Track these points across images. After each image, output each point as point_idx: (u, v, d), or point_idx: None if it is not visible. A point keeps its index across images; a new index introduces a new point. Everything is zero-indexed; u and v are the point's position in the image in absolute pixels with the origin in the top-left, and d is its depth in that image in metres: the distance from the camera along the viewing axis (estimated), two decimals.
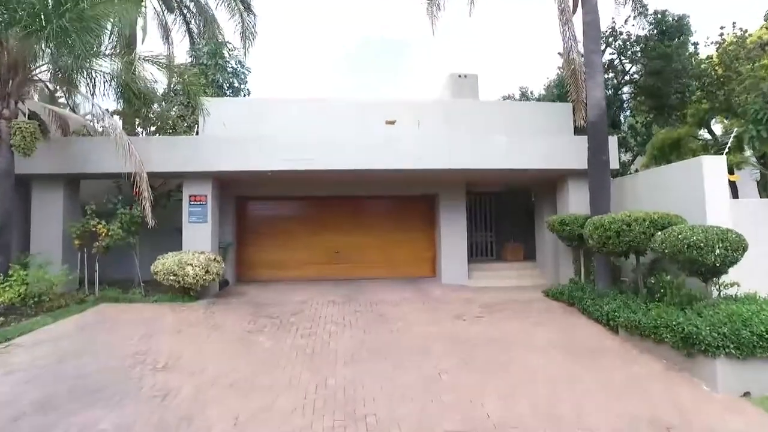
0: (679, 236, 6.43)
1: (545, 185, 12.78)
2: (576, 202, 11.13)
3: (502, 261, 14.22)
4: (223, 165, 10.39)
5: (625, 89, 13.98)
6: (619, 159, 12.53)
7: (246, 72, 15.99)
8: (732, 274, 6.65)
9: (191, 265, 9.74)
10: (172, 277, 9.66)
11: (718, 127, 18.48)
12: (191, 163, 10.40)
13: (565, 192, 11.41)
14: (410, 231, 13.11)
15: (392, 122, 10.94)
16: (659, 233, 7.04)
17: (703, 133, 17.97)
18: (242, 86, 16.01)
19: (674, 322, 6.16)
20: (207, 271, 9.85)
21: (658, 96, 12.68)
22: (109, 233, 9.87)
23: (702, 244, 6.14)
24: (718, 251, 6.08)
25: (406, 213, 13.20)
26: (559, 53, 13.49)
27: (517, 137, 10.86)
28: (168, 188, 11.88)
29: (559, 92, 14.20)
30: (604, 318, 7.89)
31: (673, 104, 12.60)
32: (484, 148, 10.62)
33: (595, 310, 8.24)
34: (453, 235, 12.39)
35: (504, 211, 15.15)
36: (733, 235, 6.21)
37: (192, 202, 10.92)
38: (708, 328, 5.70)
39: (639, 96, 13.87)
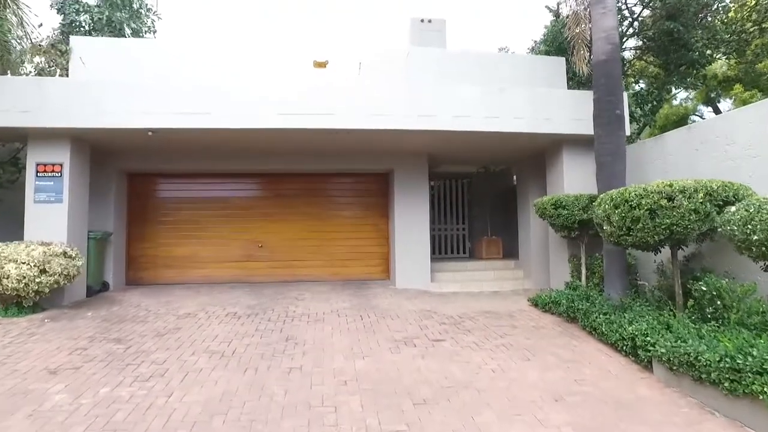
0: None
1: (531, 160, 9.94)
2: (574, 178, 8.32)
3: (476, 259, 11.35)
4: (81, 119, 7.20)
5: (630, 43, 11.25)
6: None
7: (155, 15, 12.68)
8: None
9: (16, 261, 6.56)
10: None
11: (725, 105, 16.15)
12: (35, 116, 7.17)
13: (559, 166, 8.58)
14: (357, 219, 10.12)
15: (323, 64, 7.95)
16: (731, 209, 4.22)
17: (709, 112, 15.51)
18: (148, 32, 12.73)
19: None
20: (44, 271, 6.67)
21: (673, 50, 9.93)
22: None
23: None
24: None
25: (351, 196, 10.21)
26: None
27: (494, 88, 7.98)
28: (13, 152, 8.61)
29: (548, 50, 11.41)
30: (626, 344, 5.08)
31: (691, 61, 9.88)
32: (452, 102, 7.71)
33: (611, 330, 5.41)
34: (411, 226, 9.44)
35: (479, 198, 12.30)
36: None
37: (40, 174, 7.69)
38: None
39: (646, 54, 11.15)
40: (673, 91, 11.69)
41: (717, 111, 14.59)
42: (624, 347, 5.15)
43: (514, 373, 4.77)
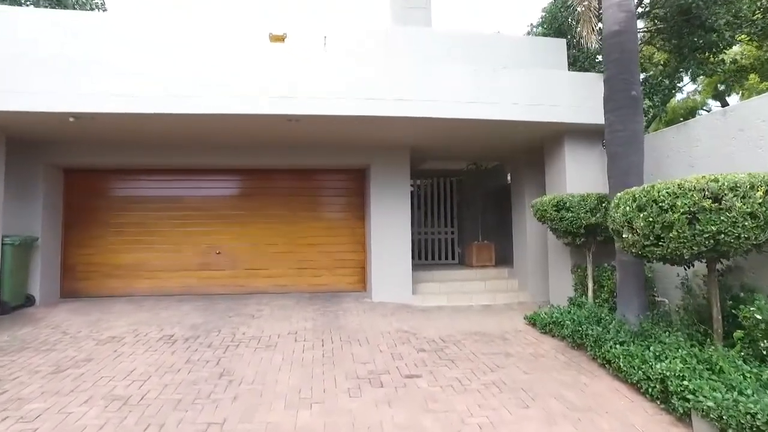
0: None
1: (527, 155, 8.76)
2: (577, 175, 7.17)
3: (465, 267, 10.16)
4: None
5: (639, 24, 10.08)
6: None
7: None
8: None
9: None
10: None
11: (734, 100, 15.05)
12: None
13: (560, 161, 7.40)
14: (330, 222, 8.88)
15: (280, 38, 6.72)
16: None
17: (717, 107, 14.40)
18: (97, 7, 11.36)
19: None
20: None
21: (688, 31, 8.76)
22: None
23: None
24: None
25: (323, 195, 8.96)
26: None
27: (485, 68, 6.79)
28: None
29: (546, 32, 10.23)
30: (653, 386, 3.91)
31: (709, 43, 8.69)
32: (435, 85, 6.51)
33: (631, 367, 4.23)
34: (390, 230, 8.22)
35: (468, 198, 11.11)
36: None
37: None
38: None
39: (656, 38, 10.00)
40: (685, 80, 10.53)
41: (725, 106, 13.46)
42: (650, 389, 3.96)
43: (508, 431, 3.55)
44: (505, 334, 6.20)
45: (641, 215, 3.95)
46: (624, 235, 4.24)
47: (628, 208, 4.13)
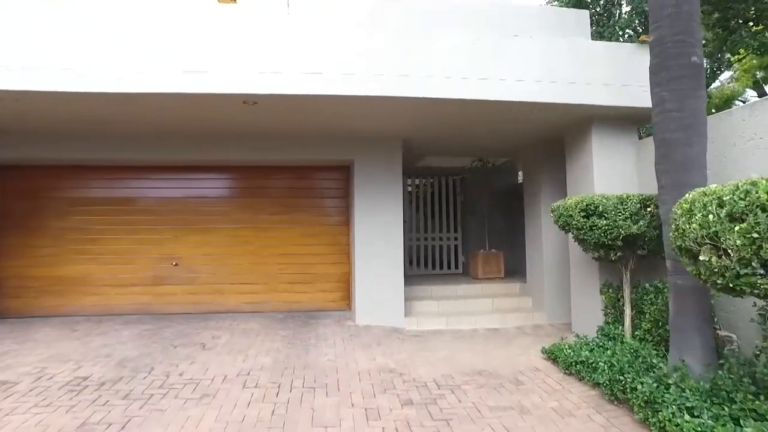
0: None
1: (543, 148, 7.35)
2: (608, 172, 5.78)
3: (469, 279, 8.76)
4: None
5: None
6: None
7: None
8: None
9: None
10: None
11: None
12: None
13: (585, 154, 5.99)
14: (308, 229, 7.51)
15: None
16: None
17: (754, 98, 12.87)
18: None
19: None
20: None
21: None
22: None
23: None
24: None
25: (299, 197, 7.59)
26: None
27: (492, 36, 5.39)
28: None
29: (564, 5, 8.81)
30: None
31: (760, 13, 7.22)
32: (429, 57, 5.12)
33: None
34: (378, 238, 6.84)
35: (474, 200, 9.70)
36: None
37: None
38: None
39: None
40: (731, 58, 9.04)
41: (763, 95, 11.96)
42: None
43: None
44: (519, 375, 4.81)
45: (737, 228, 2.54)
46: (702, 257, 2.82)
47: (711, 216, 2.71)
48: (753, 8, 7.29)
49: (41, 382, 4.42)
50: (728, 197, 2.65)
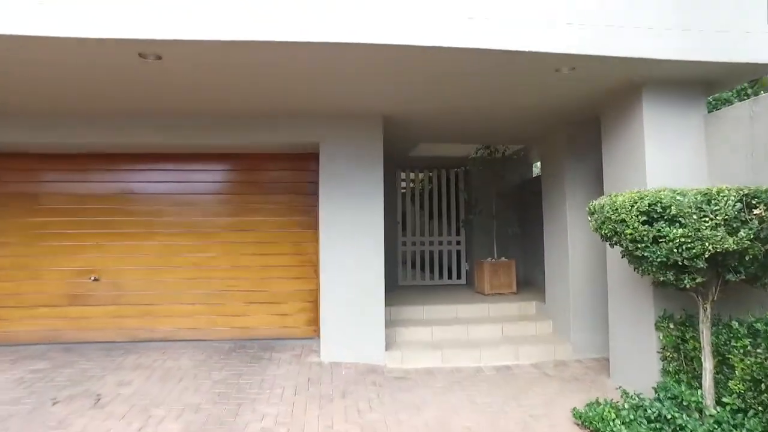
0: None
1: (567, 129, 5.66)
2: (668, 160, 4.09)
3: (473, 296, 7.10)
4: None
5: None
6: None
7: None
8: None
9: None
10: None
11: None
12: None
13: (633, 135, 4.30)
14: (265, 235, 5.88)
15: None
16: None
17: None
18: None
19: None
20: None
21: None
22: None
23: None
24: None
25: (253, 193, 5.94)
26: None
27: None
28: None
29: None
30: None
31: None
32: None
33: None
34: (352, 245, 5.21)
35: (479, 196, 7.99)
36: None
37: None
38: None
39: None
40: None
41: None
42: None
43: None
44: None
45: None
46: None
47: None
48: None
49: None
50: None
